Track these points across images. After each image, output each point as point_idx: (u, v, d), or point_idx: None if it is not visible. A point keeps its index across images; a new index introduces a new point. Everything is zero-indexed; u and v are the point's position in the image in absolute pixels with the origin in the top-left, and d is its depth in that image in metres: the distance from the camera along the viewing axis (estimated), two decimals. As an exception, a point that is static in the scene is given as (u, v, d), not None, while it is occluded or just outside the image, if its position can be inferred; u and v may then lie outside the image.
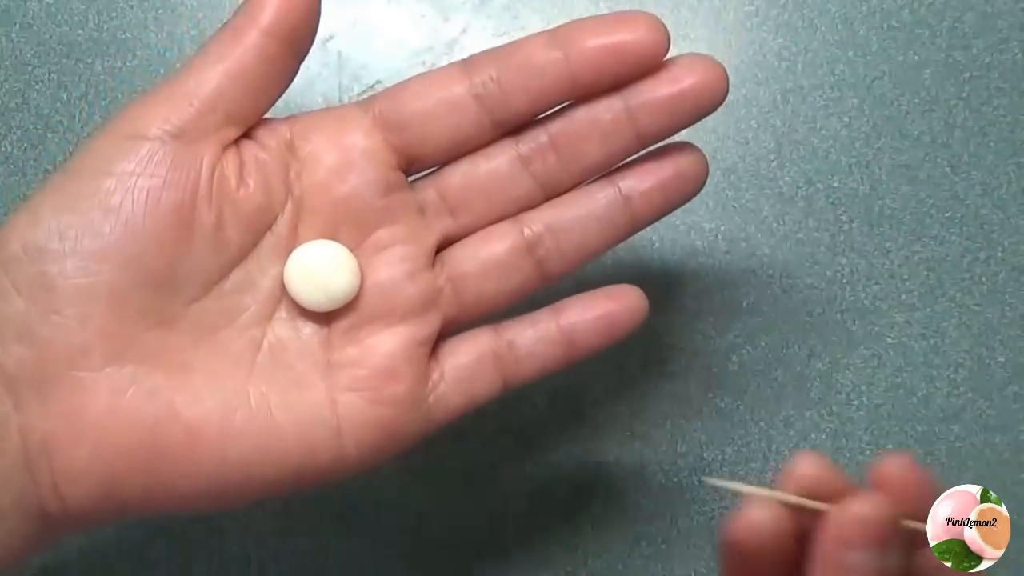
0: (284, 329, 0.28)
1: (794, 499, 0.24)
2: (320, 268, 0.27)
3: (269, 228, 0.27)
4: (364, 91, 0.38)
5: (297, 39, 0.27)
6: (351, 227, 0.28)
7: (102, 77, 0.38)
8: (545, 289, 0.30)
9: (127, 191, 0.25)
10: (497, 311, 0.29)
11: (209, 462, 0.26)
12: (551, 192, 0.29)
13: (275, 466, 0.26)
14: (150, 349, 0.26)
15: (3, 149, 0.38)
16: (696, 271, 0.38)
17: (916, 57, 0.38)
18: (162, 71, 0.38)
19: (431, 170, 0.29)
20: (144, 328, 0.26)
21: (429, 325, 0.28)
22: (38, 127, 0.38)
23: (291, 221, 0.28)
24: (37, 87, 0.38)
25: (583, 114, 0.28)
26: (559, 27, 0.28)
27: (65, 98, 0.38)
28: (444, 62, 0.38)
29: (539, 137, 0.28)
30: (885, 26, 0.39)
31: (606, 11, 0.38)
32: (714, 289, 0.38)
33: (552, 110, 0.28)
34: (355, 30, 0.38)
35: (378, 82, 0.38)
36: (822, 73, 0.38)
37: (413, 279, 0.28)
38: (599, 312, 0.29)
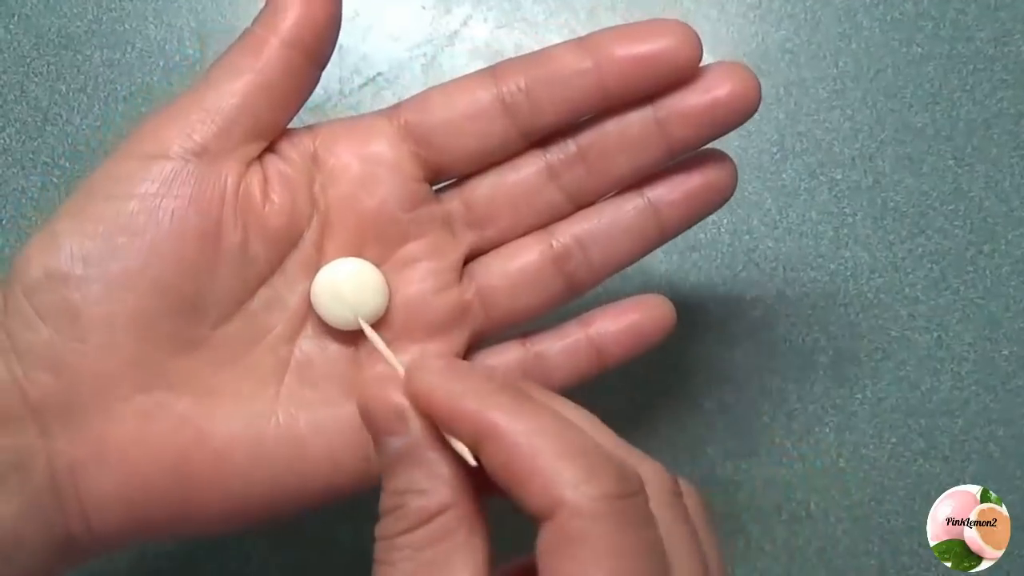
0: (311, 347, 0.27)
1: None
2: (347, 287, 0.26)
3: (295, 244, 0.27)
4: (365, 83, 0.38)
5: (320, 48, 0.26)
6: (378, 242, 0.27)
7: (100, 69, 0.38)
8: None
9: (151, 213, 0.24)
10: (526, 323, 0.29)
11: (237, 485, 0.25)
12: (579, 203, 0.28)
13: (302, 485, 0.26)
14: (178, 374, 0.25)
15: (1, 141, 0.37)
16: (699, 264, 0.37)
17: (919, 49, 0.38)
18: (161, 63, 0.38)
19: (456, 179, 0.29)
20: (171, 353, 0.25)
21: (457, 340, 0.28)
22: (36, 119, 0.38)
23: (317, 236, 0.27)
24: (35, 79, 0.38)
25: (613, 125, 0.27)
26: (589, 35, 0.27)
27: (63, 90, 0.38)
28: (445, 54, 0.38)
29: (567, 148, 0.28)
30: (888, 18, 0.38)
31: (608, 3, 0.38)
32: (717, 282, 0.37)
33: (581, 120, 0.28)
34: (356, 22, 0.38)
35: (379, 74, 0.38)
36: (825, 65, 0.38)
37: (441, 294, 0.28)
38: (627, 322, 0.29)
